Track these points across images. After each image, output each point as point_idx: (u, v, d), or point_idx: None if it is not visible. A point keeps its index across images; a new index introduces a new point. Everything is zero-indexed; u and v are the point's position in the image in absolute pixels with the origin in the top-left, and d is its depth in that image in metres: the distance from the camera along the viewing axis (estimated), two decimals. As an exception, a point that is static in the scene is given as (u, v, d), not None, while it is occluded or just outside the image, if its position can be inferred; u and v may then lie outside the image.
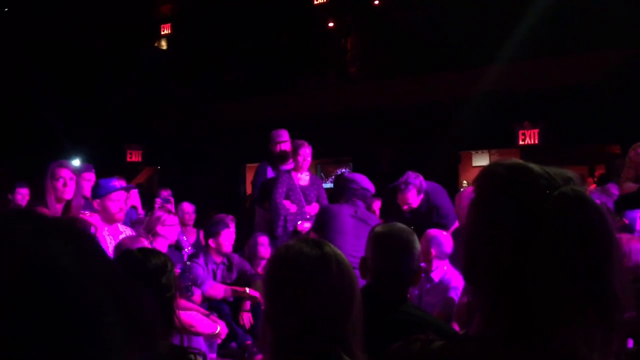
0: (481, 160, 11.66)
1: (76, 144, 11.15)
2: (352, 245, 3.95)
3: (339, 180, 4.46)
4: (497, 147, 10.99)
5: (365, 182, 4.28)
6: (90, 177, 4.97)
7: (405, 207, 5.02)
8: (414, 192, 4.96)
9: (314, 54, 12.08)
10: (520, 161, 1.02)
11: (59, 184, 3.68)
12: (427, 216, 4.97)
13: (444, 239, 4.18)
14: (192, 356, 1.90)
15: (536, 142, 9.55)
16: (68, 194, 3.75)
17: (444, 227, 4.69)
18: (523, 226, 0.93)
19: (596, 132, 9.45)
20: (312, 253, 1.42)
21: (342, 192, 4.28)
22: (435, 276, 4.13)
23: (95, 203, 3.92)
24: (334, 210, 4.23)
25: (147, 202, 7.43)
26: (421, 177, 5.03)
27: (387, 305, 2.14)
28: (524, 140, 9.64)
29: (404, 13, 10.78)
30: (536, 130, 9.55)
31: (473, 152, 11.77)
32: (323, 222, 4.19)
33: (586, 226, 0.91)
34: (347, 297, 1.41)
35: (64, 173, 3.73)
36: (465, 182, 11.20)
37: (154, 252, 2.04)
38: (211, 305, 4.96)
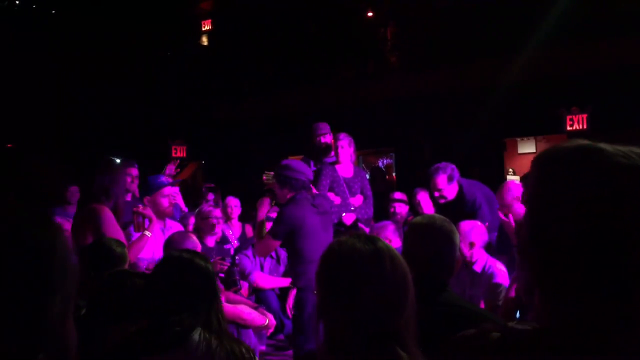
0: (527, 147, 11.41)
1: (122, 140, 11.42)
2: (323, 241, 3.63)
3: (281, 169, 3.89)
4: (543, 134, 10.72)
5: (308, 170, 3.90)
6: (132, 172, 4.90)
7: (437, 194, 4.93)
8: (444, 177, 4.87)
9: (354, 44, 12.02)
10: (586, 141, 0.92)
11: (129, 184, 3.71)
12: (459, 208, 4.87)
13: (481, 229, 4.11)
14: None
15: (584, 127, 9.27)
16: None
17: (478, 219, 4.60)
18: (611, 210, 0.84)
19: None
20: (365, 248, 1.42)
21: (286, 182, 3.82)
22: (478, 267, 4.07)
23: (146, 200, 4.00)
24: (298, 216, 3.74)
25: (192, 197, 7.55)
26: (453, 166, 4.94)
27: (431, 295, 2.14)
28: (572, 125, 9.37)
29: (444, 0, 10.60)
30: (585, 115, 9.27)
31: (518, 139, 11.53)
32: (293, 231, 3.73)
33: None
34: (400, 291, 1.41)
35: (134, 172, 3.78)
36: (510, 169, 10.99)
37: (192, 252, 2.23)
38: (259, 298, 5.04)
